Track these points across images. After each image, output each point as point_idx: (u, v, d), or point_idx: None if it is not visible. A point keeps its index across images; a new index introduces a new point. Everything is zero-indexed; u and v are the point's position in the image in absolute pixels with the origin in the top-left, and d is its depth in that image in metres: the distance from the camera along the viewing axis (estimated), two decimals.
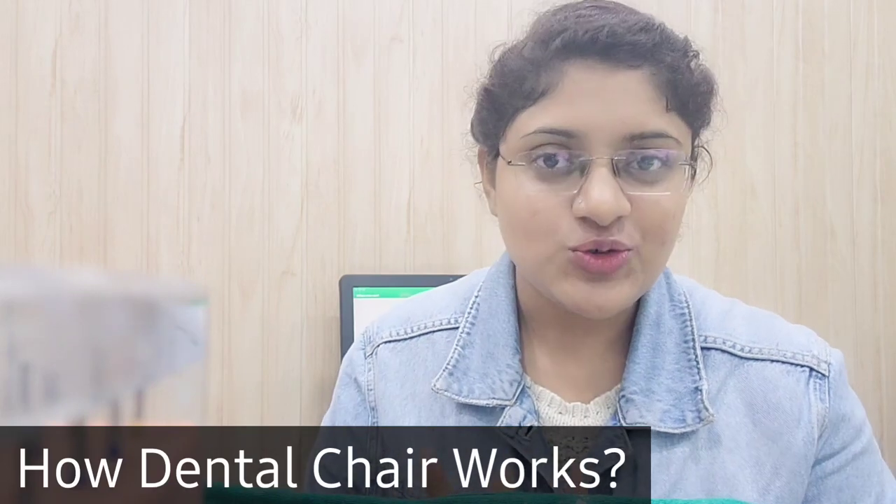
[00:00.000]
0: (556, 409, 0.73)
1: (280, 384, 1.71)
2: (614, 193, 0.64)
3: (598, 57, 0.65)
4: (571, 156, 0.65)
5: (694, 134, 0.70)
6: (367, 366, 0.80)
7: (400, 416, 0.77)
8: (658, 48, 0.66)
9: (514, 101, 0.68)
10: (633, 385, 0.71)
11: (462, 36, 1.80)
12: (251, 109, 1.73)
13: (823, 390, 0.72)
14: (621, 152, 0.65)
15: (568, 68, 0.66)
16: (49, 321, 0.26)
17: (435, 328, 0.79)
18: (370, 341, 0.81)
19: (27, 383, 0.25)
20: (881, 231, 1.95)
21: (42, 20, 1.66)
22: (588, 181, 0.64)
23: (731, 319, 0.75)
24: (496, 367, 0.74)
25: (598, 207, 0.63)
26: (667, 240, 0.67)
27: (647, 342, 0.72)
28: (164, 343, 0.33)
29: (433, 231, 1.78)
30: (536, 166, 0.66)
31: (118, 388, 0.30)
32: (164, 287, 0.34)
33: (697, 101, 0.68)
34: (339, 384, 0.83)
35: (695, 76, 0.68)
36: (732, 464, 0.70)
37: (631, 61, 0.65)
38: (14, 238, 1.65)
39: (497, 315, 0.76)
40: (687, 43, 0.69)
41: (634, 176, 0.65)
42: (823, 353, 0.74)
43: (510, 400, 0.72)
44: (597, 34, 0.65)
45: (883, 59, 1.96)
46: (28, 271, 0.26)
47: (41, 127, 1.66)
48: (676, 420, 0.70)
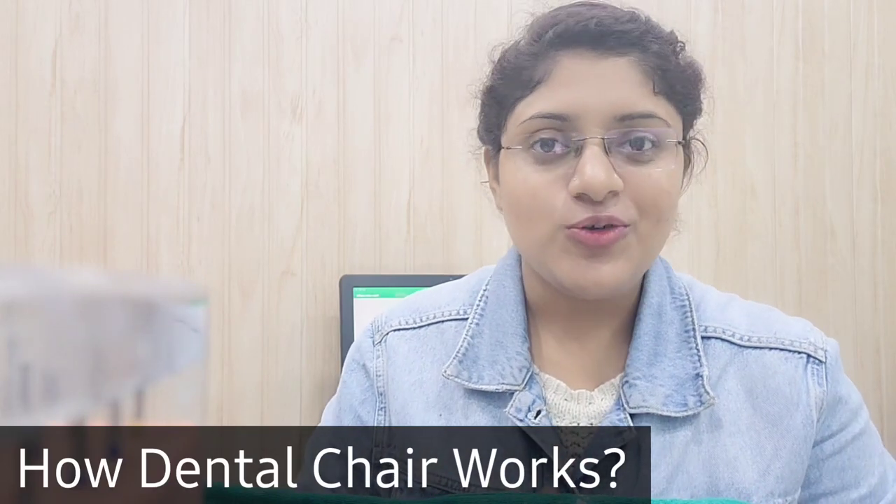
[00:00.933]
0: (561, 396, 0.75)
1: (280, 384, 1.71)
2: (606, 170, 0.68)
3: (589, 45, 0.70)
4: (566, 138, 0.69)
5: (685, 121, 0.74)
6: (377, 352, 0.82)
7: (408, 401, 0.78)
8: (644, 37, 0.71)
9: (514, 92, 0.73)
10: (636, 371, 0.73)
11: (462, 36, 1.80)
12: (251, 109, 1.73)
13: (821, 375, 0.75)
14: (612, 132, 0.69)
15: (561, 57, 0.70)
16: (49, 321, 0.26)
17: (444, 318, 0.81)
18: (379, 330, 0.83)
19: (27, 383, 0.25)
20: (881, 231, 1.95)
21: (42, 20, 1.66)
22: (582, 160, 0.68)
23: (730, 311, 0.78)
24: (505, 355, 0.76)
25: (591, 183, 0.67)
26: (662, 217, 0.71)
27: (650, 330, 0.75)
28: (164, 343, 0.33)
29: (433, 231, 1.78)
30: (534, 151, 0.70)
31: (118, 388, 0.30)
32: (164, 287, 0.34)
33: (685, 87, 0.73)
34: (345, 370, 0.84)
35: (681, 64, 0.73)
36: (734, 447, 0.72)
37: (619, 49, 0.70)
38: (14, 238, 1.65)
39: (505, 305, 0.78)
40: (672, 35, 0.74)
41: (627, 155, 0.69)
42: (820, 340, 0.76)
43: (519, 385, 0.74)
44: (587, 24, 0.70)
45: (883, 59, 1.96)
46: (28, 271, 0.26)
47: (41, 127, 1.66)
48: (678, 404, 0.72)
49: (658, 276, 0.78)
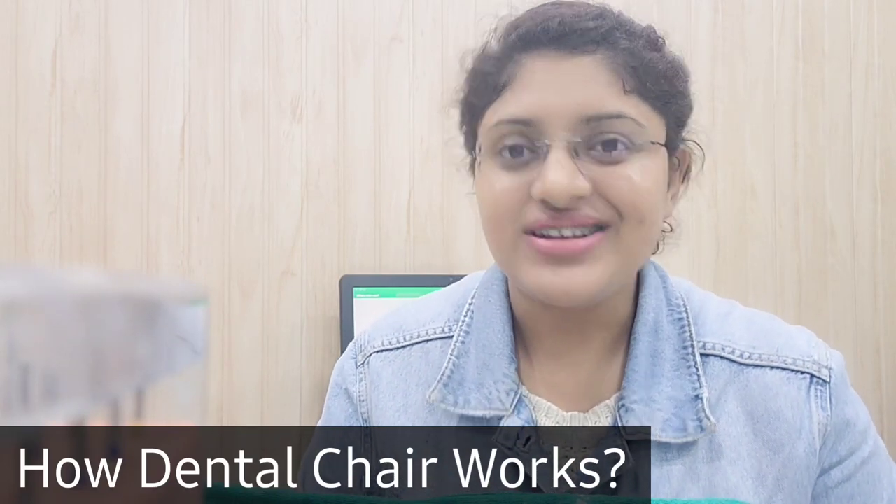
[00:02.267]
0: (552, 420, 0.72)
1: (280, 384, 1.71)
2: (570, 174, 0.64)
3: (552, 45, 0.67)
4: (532, 143, 0.66)
5: (669, 120, 0.69)
6: (359, 376, 0.79)
7: (394, 429, 0.75)
8: (611, 34, 0.67)
9: (482, 99, 0.70)
10: (633, 394, 0.70)
11: (462, 36, 1.80)
12: (251, 109, 1.73)
13: (825, 398, 0.71)
14: (579, 134, 0.65)
15: (525, 59, 0.68)
16: (49, 321, 0.26)
17: (429, 337, 0.78)
18: (361, 350, 0.80)
19: (27, 383, 0.25)
20: (881, 231, 1.95)
21: (42, 20, 1.66)
22: (545, 165, 0.65)
23: (730, 324, 0.74)
24: (492, 378, 0.72)
25: (551, 188, 0.64)
26: (645, 219, 0.66)
27: (646, 350, 0.71)
28: (164, 343, 0.33)
29: (433, 231, 1.78)
30: (502, 158, 0.68)
31: (118, 388, 0.30)
32: (164, 287, 0.34)
33: (660, 84, 0.68)
34: (329, 395, 0.81)
35: (657, 61, 0.68)
36: (734, 475, 0.69)
37: (584, 47, 0.66)
38: (14, 238, 1.65)
39: (491, 323, 0.75)
40: (649, 30, 0.70)
41: (598, 159, 0.66)
42: (824, 357, 0.72)
43: (507, 410, 0.71)
44: (548, 24, 0.67)
45: (883, 59, 1.96)
46: (28, 271, 0.26)
47: (41, 127, 1.66)
48: (677, 429, 0.69)
49: (653, 287, 0.74)
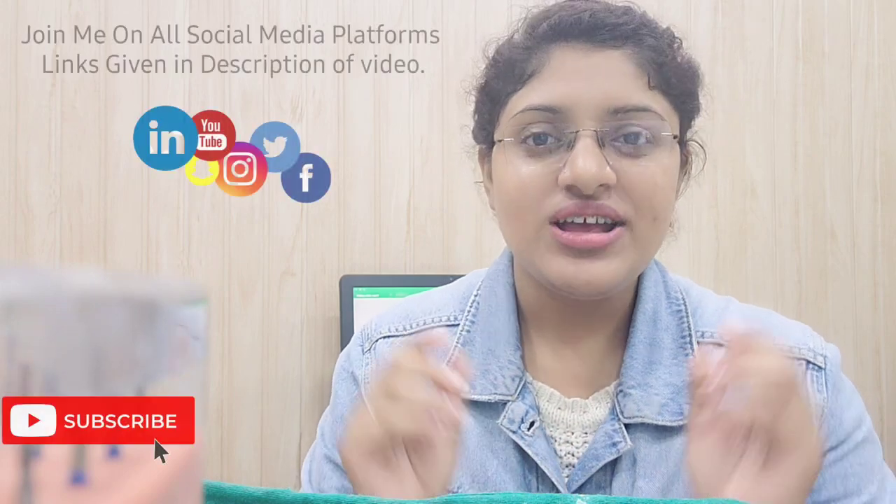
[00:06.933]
0: (555, 405, 0.74)
1: (280, 384, 1.71)
2: (598, 162, 0.66)
3: (582, 38, 0.69)
4: (558, 131, 0.68)
5: (682, 119, 0.72)
6: (365, 360, 0.80)
7: None
8: (639, 30, 0.69)
9: (507, 87, 0.71)
10: (631, 380, 0.72)
11: (462, 36, 1.80)
12: (251, 109, 1.73)
13: (821, 382, 0.73)
14: (606, 125, 0.67)
15: (554, 50, 0.69)
16: (49, 321, 0.26)
17: (435, 324, 0.79)
18: (368, 337, 0.81)
19: (27, 383, 0.25)
20: (881, 231, 1.95)
21: (42, 20, 1.66)
22: (573, 152, 0.67)
23: (727, 316, 0.76)
24: (497, 364, 0.74)
25: (581, 174, 0.65)
26: (658, 215, 0.69)
27: (644, 338, 0.73)
28: (164, 343, 0.33)
29: (433, 231, 1.78)
30: (526, 145, 0.69)
31: (118, 388, 0.30)
32: (164, 287, 0.34)
33: (682, 83, 0.71)
34: (335, 379, 0.83)
35: (678, 60, 0.71)
36: None
37: (613, 41, 0.68)
38: (14, 238, 1.65)
39: (497, 312, 0.76)
40: (669, 31, 0.73)
41: (621, 150, 0.68)
42: (819, 346, 0.75)
43: (512, 395, 0.73)
44: (580, 17, 0.69)
45: (883, 59, 1.95)
46: (28, 271, 0.26)
47: (41, 127, 1.66)
48: (674, 413, 0.71)
49: (653, 280, 0.76)
